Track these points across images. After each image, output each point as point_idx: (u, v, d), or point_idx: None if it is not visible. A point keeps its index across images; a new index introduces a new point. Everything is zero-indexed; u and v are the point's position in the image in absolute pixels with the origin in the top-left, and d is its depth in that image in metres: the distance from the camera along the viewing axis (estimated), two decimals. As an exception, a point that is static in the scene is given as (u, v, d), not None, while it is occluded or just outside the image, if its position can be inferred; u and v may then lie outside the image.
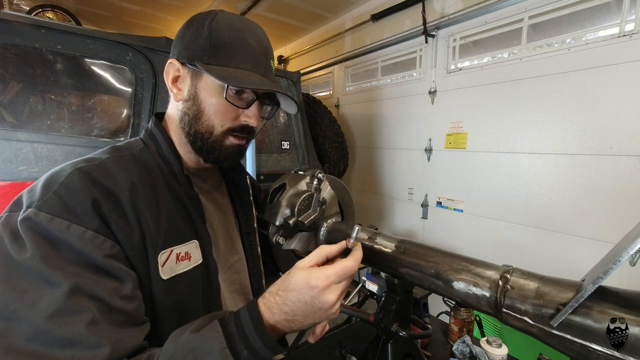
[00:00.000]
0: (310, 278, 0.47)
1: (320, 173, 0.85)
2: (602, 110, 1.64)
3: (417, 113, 2.60)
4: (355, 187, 3.35)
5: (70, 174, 0.48)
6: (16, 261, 0.42)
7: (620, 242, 0.45)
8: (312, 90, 4.05)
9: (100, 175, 0.50)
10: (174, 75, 0.60)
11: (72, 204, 0.45)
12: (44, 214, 0.44)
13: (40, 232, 0.43)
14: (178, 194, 0.59)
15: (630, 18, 1.54)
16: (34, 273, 0.41)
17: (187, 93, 0.60)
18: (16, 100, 1.42)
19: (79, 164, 0.51)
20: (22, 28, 1.42)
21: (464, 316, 1.20)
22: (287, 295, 0.47)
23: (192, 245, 0.59)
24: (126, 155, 0.57)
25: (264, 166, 2.18)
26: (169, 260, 0.55)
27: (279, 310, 0.47)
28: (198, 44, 0.57)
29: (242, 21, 0.61)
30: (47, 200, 0.45)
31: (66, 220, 0.44)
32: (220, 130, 0.60)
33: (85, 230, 0.45)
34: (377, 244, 0.75)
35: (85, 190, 0.47)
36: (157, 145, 0.62)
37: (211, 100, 0.58)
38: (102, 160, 0.53)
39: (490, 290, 0.53)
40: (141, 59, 1.70)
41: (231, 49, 0.58)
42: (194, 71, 0.59)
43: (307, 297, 0.46)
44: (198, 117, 0.59)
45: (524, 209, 1.97)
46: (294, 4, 3.08)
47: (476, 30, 2.16)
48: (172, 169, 0.60)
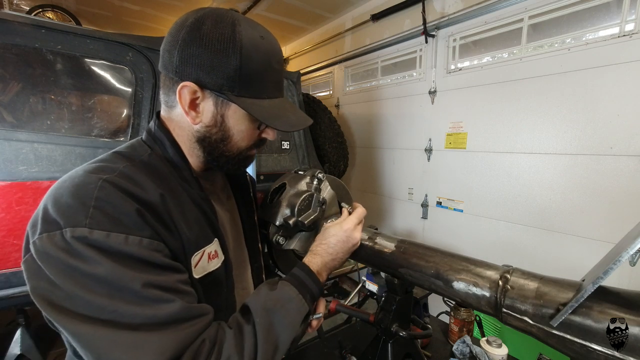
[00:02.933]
0: (343, 224, 0.74)
1: (320, 173, 0.85)
2: (602, 110, 1.64)
3: (417, 113, 2.60)
4: (355, 187, 3.35)
5: (101, 187, 0.47)
6: (91, 273, 0.43)
7: (620, 242, 0.45)
8: (312, 90, 4.05)
9: (128, 186, 0.50)
10: (192, 98, 0.56)
11: (120, 217, 0.47)
12: (98, 231, 0.44)
13: (101, 248, 0.44)
14: (194, 197, 0.60)
15: (630, 18, 1.54)
16: (113, 282, 0.44)
17: (210, 119, 0.58)
18: (16, 100, 1.42)
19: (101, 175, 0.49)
20: (22, 28, 1.42)
21: (464, 316, 1.20)
22: (329, 241, 0.71)
23: (216, 244, 0.63)
24: (137, 163, 0.56)
25: (264, 166, 2.18)
26: (202, 260, 0.58)
27: (326, 252, 0.69)
28: (225, 72, 0.53)
29: (264, 40, 0.57)
30: (92, 217, 0.45)
31: (122, 234, 0.46)
32: (245, 149, 0.64)
33: (142, 238, 0.47)
34: (377, 244, 0.75)
35: (125, 201, 0.48)
36: (163, 150, 0.61)
37: (240, 127, 0.60)
38: (121, 170, 0.52)
39: (490, 290, 0.53)
40: (141, 59, 1.70)
41: (260, 79, 0.57)
42: (220, 99, 0.57)
43: (344, 237, 0.72)
44: (224, 142, 0.61)
45: (524, 209, 1.97)
46: (294, 4, 3.08)
47: (476, 30, 2.15)
48: (181, 173, 0.61)
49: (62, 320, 0.43)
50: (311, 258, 0.68)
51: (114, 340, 0.42)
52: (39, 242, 0.45)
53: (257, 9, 3.23)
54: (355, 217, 0.75)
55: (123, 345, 0.42)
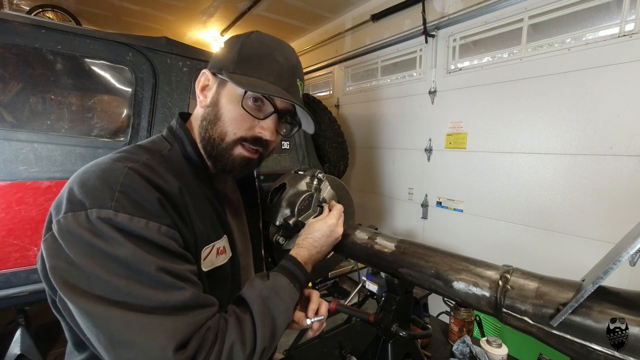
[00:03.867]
0: (327, 220, 0.77)
1: (320, 173, 0.85)
2: (602, 110, 1.64)
3: (417, 113, 2.60)
4: (355, 187, 3.35)
5: (126, 174, 0.50)
6: (111, 253, 0.45)
7: (620, 242, 0.45)
8: (312, 90, 4.05)
9: (151, 175, 0.52)
10: (204, 84, 0.65)
11: (143, 203, 0.49)
12: (122, 214, 0.46)
13: (125, 230, 0.46)
14: (207, 194, 0.63)
15: (630, 18, 1.53)
16: (131, 264, 0.45)
17: (210, 99, 0.63)
18: (16, 100, 1.42)
19: (127, 163, 0.52)
20: (22, 28, 1.42)
21: (464, 316, 1.20)
22: (314, 235, 0.74)
23: (224, 240, 0.65)
24: (157, 156, 0.58)
25: (264, 166, 2.18)
26: (210, 254, 0.60)
27: (312, 245, 0.72)
28: (229, 56, 0.61)
29: (274, 40, 0.65)
30: (118, 200, 0.47)
31: (143, 219, 0.48)
32: (232, 137, 0.61)
33: (160, 225, 0.49)
34: (377, 244, 0.75)
35: (148, 189, 0.50)
36: (182, 147, 0.64)
37: (229, 107, 0.61)
38: (143, 161, 0.54)
39: (490, 290, 0.53)
40: (141, 59, 1.70)
41: (257, 62, 0.61)
42: (221, 80, 0.63)
43: (327, 231, 0.75)
44: (214, 122, 0.62)
45: (524, 209, 1.97)
46: (294, 4, 3.08)
47: (476, 30, 2.15)
48: (197, 170, 0.63)
49: (78, 301, 0.44)
50: (298, 250, 0.70)
51: (128, 322, 0.43)
52: (63, 221, 0.46)
53: (257, 9, 3.23)
54: (336, 213, 0.78)
55: (137, 326, 0.43)
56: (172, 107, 1.77)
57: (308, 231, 0.74)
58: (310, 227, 0.75)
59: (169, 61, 1.79)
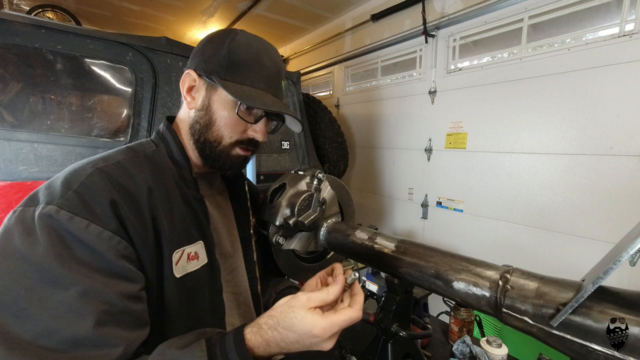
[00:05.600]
0: (315, 327, 0.46)
1: (320, 173, 0.85)
2: (602, 110, 1.64)
3: (417, 113, 2.60)
4: (355, 187, 3.35)
5: (90, 173, 0.49)
6: (28, 258, 0.42)
7: (620, 242, 0.45)
8: (312, 90, 4.05)
9: (120, 175, 0.52)
10: (190, 84, 0.64)
11: (92, 204, 0.47)
12: (65, 212, 0.44)
13: (58, 229, 0.44)
14: (187, 196, 0.62)
15: (630, 18, 1.53)
16: (45, 271, 0.42)
17: (200, 103, 0.63)
18: (16, 100, 1.42)
19: (98, 164, 0.52)
20: (22, 28, 1.42)
21: (464, 316, 1.20)
22: (287, 334, 0.47)
23: (199, 246, 0.62)
24: (140, 156, 0.59)
25: (264, 166, 2.18)
26: (181, 259, 0.58)
27: (277, 345, 0.47)
28: (217, 59, 0.61)
29: (260, 42, 0.65)
30: (68, 199, 0.46)
31: (86, 220, 0.45)
32: (228, 141, 0.64)
33: (103, 230, 0.46)
34: (377, 244, 0.75)
35: (105, 191, 0.48)
36: (167, 148, 0.65)
37: (223, 113, 0.62)
38: (119, 161, 0.55)
39: (490, 290, 0.53)
40: (141, 59, 1.70)
41: (247, 68, 0.62)
42: (210, 84, 0.63)
43: (307, 342, 0.47)
44: (209, 127, 0.63)
45: (524, 209, 1.97)
46: (294, 4, 3.08)
47: (476, 30, 2.15)
48: (181, 172, 0.63)
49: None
50: (256, 337, 0.48)
51: None
52: (11, 214, 0.46)
53: (257, 9, 3.23)
54: (341, 321, 0.48)
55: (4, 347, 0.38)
56: (172, 107, 1.76)
57: (284, 320, 0.47)
58: (290, 319, 0.47)
59: (169, 61, 1.79)
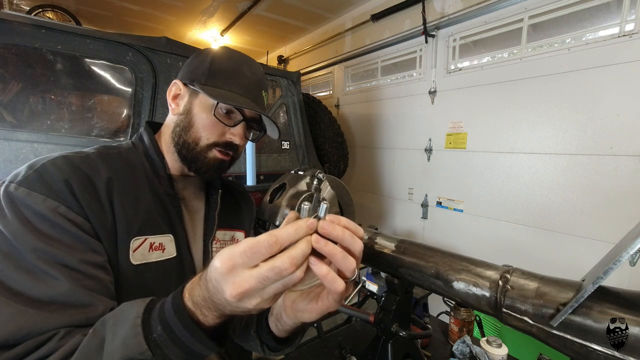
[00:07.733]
0: (217, 257, 0.36)
1: (320, 173, 0.85)
2: (602, 110, 1.64)
3: (417, 113, 2.60)
4: (355, 187, 3.35)
5: (54, 158, 0.54)
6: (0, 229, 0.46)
7: (620, 242, 0.45)
8: (312, 90, 4.05)
9: (81, 162, 0.56)
10: (175, 92, 0.69)
11: (49, 181, 0.51)
12: (23, 188, 0.49)
13: (19, 204, 0.48)
14: (158, 191, 0.65)
15: (630, 18, 1.54)
16: (13, 237, 0.46)
17: (182, 108, 0.68)
18: (16, 100, 1.42)
19: (67, 154, 0.57)
20: (22, 28, 1.42)
21: (464, 316, 1.20)
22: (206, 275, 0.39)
23: (167, 239, 0.64)
24: (113, 153, 0.63)
25: (264, 166, 2.18)
26: (142, 247, 0.59)
27: (200, 288, 0.40)
28: (200, 69, 0.66)
29: (241, 55, 0.70)
30: (27, 177, 0.50)
31: (42, 195, 0.49)
32: (205, 142, 0.66)
33: (59, 205, 0.50)
34: (377, 244, 0.75)
35: (62, 171, 0.53)
36: (144, 147, 0.68)
37: (202, 115, 0.66)
38: (88, 154, 0.59)
39: (490, 290, 0.53)
40: (141, 59, 1.70)
41: (227, 75, 0.66)
42: (193, 90, 0.67)
43: (212, 279, 0.37)
44: (188, 129, 0.66)
45: (524, 209, 1.97)
46: (294, 4, 3.08)
47: (476, 30, 2.15)
48: (155, 169, 0.67)
49: None
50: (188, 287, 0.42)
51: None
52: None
53: (257, 9, 3.23)
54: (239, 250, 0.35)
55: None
56: (172, 107, 1.76)
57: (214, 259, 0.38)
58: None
59: (169, 61, 1.79)
